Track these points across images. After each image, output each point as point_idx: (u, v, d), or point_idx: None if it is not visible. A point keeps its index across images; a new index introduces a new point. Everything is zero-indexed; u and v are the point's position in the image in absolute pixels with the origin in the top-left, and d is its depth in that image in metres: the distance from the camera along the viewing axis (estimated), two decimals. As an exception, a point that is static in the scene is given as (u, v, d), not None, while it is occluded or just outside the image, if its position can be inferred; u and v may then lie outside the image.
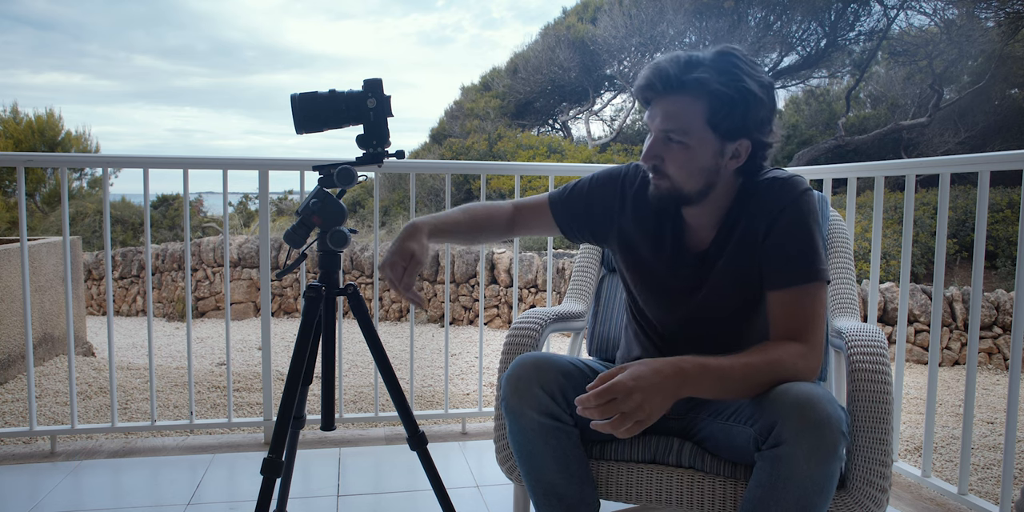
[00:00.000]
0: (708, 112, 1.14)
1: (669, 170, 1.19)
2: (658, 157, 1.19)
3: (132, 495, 1.94)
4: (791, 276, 1.19)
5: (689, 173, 1.19)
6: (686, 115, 1.15)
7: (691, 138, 1.16)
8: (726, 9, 10.38)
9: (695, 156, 1.17)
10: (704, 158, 1.18)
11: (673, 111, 1.16)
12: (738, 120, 1.15)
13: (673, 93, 1.16)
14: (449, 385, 3.22)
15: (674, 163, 1.18)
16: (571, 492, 1.26)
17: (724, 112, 1.14)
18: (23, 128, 13.22)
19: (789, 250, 1.19)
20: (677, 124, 1.16)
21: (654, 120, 1.19)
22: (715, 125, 1.15)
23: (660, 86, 1.16)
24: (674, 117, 1.16)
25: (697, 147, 1.17)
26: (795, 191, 1.22)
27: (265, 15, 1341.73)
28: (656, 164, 1.20)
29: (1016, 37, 10.01)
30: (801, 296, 1.18)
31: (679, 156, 1.18)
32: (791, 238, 1.20)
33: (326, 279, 1.47)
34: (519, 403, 1.21)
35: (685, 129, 1.16)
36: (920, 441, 3.31)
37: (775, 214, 1.21)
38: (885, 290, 5.88)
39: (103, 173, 2.23)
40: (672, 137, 1.17)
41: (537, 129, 14.57)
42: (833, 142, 10.97)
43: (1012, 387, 1.70)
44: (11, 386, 3.74)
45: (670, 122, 1.16)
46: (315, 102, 1.38)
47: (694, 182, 1.20)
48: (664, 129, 1.17)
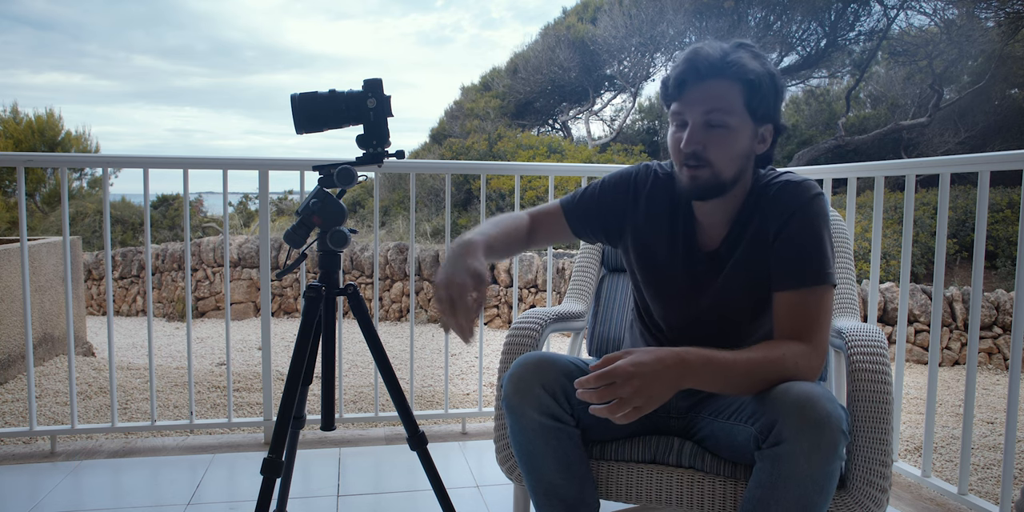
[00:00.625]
0: (747, 95, 1.18)
1: (711, 156, 1.19)
2: (700, 143, 1.19)
3: (132, 495, 1.94)
4: (798, 278, 1.19)
5: (730, 158, 1.20)
6: (728, 98, 1.17)
7: (733, 120, 1.18)
8: (726, 9, 10.38)
9: (736, 140, 1.19)
10: (743, 142, 1.20)
11: (715, 94, 1.17)
12: (769, 103, 1.20)
13: (714, 77, 1.17)
14: (449, 385, 3.22)
15: (716, 148, 1.19)
16: (571, 492, 1.26)
17: (759, 95, 1.18)
18: (23, 128, 13.22)
19: (798, 252, 1.20)
20: (720, 105, 1.17)
21: (692, 107, 1.19)
22: (752, 108, 1.19)
23: (704, 69, 1.17)
24: (717, 99, 1.17)
25: (738, 130, 1.19)
26: (807, 194, 1.23)
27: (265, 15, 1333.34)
28: (697, 150, 1.19)
29: (1016, 37, 10.01)
30: (807, 298, 1.19)
31: (722, 140, 1.19)
32: (800, 240, 1.21)
33: (326, 279, 1.47)
34: (520, 402, 1.21)
35: (729, 110, 1.17)
36: (920, 441, 3.31)
37: (786, 216, 1.22)
38: (885, 290, 5.88)
39: (103, 173, 2.23)
40: (714, 121, 1.18)
41: (537, 129, 14.56)
42: (833, 142, 10.97)
43: (1012, 387, 1.70)
44: (11, 386, 3.74)
45: (713, 103, 1.17)
46: (315, 102, 1.39)
47: (733, 168, 1.21)
48: (708, 111, 1.18)
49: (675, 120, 1.23)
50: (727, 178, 1.21)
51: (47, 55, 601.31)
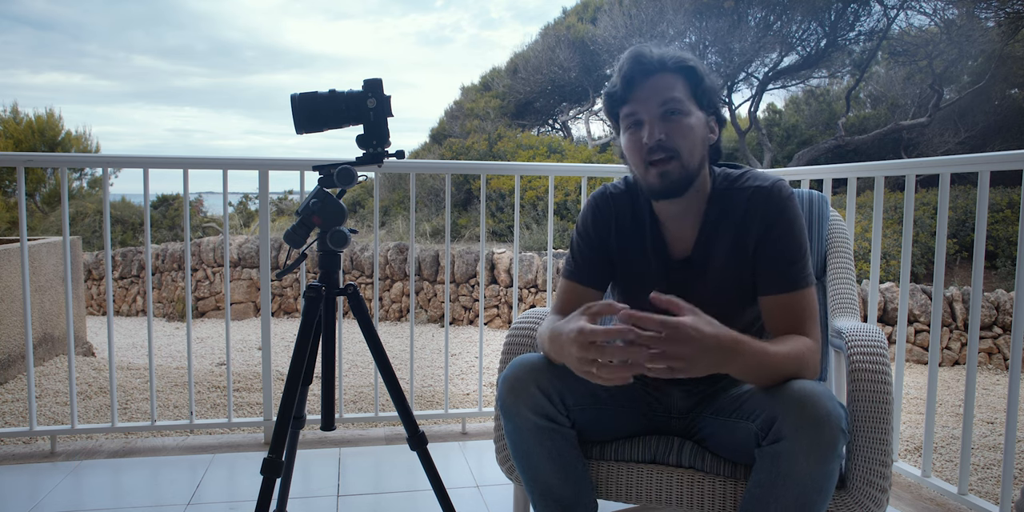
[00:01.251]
0: (691, 85, 1.23)
1: (677, 144, 1.21)
2: (663, 132, 1.20)
3: (132, 495, 1.94)
4: (786, 283, 1.22)
5: (693, 144, 1.22)
6: (677, 88, 1.22)
7: (686, 106, 1.22)
8: (726, 9, 10.37)
9: (694, 125, 1.22)
10: (700, 128, 1.24)
11: (665, 85, 1.21)
12: (709, 92, 1.25)
13: (659, 71, 1.22)
14: (449, 385, 3.22)
15: (679, 134, 1.21)
16: (568, 493, 1.26)
17: (702, 84, 1.23)
18: (23, 128, 13.22)
19: (782, 258, 1.23)
20: (673, 95, 1.21)
21: (645, 103, 1.21)
22: (698, 97, 1.24)
23: (649, 65, 1.21)
24: (667, 90, 1.21)
25: (693, 116, 1.23)
26: (782, 199, 1.24)
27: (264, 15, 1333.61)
28: (662, 140, 1.20)
29: (1016, 37, 10.00)
30: (796, 299, 1.21)
31: (683, 127, 1.21)
32: (783, 247, 1.23)
33: (326, 279, 1.47)
34: (515, 403, 1.21)
35: (681, 99, 1.21)
36: (920, 441, 3.31)
37: (767, 223, 1.24)
38: (885, 290, 5.88)
39: (103, 173, 2.23)
40: (673, 108, 1.21)
41: (537, 129, 14.56)
42: (833, 142, 10.97)
43: (1012, 387, 1.70)
44: (11, 386, 3.74)
45: (667, 94, 1.21)
46: (315, 102, 1.39)
47: (697, 155, 1.23)
48: (665, 102, 1.20)
49: (628, 123, 1.24)
50: (693, 167, 1.23)
51: (47, 55, 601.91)
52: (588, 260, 1.36)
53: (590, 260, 1.36)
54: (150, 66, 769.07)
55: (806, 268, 1.23)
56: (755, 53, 10.94)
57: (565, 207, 8.94)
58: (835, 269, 1.65)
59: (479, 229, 3.77)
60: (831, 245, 1.68)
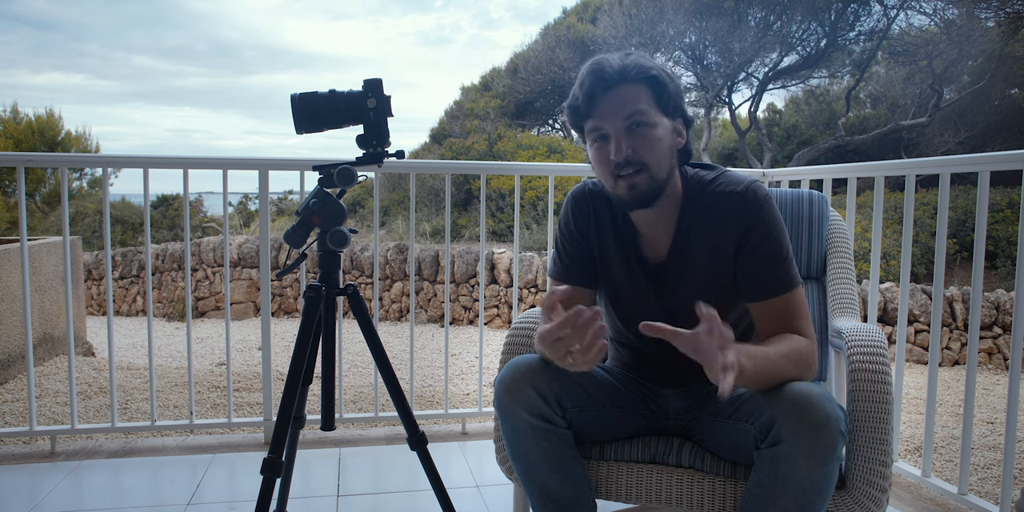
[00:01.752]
0: (654, 94, 1.21)
1: (644, 157, 1.19)
2: (630, 147, 1.19)
3: (132, 495, 1.94)
4: (771, 288, 1.21)
5: (661, 155, 1.21)
6: (640, 99, 1.20)
7: (651, 118, 1.20)
8: (726, 9, 10.37)
9: (660, 135, 1.21)
10: (667, 137, 1.22)
11: (628, 98, 1.19)
12: (673, 98, 1.23)
13: (621, 83, 1.19)
14: (449, 385, 3.22)
15: (646, 147, 1.19)
16: (565, 493, 1.26)
17: (665, 91, 1.21)
18: (23, 128, 13.21)
19: (766, 263, 1.22)
20: (636, 107, 1.19)
21: (609, 117, 1.19)
22: (663, 105, 1.21)
23: (610, 78, 1.19)
24: (632, 102, 1.19)
25: (658, 127, 1.21)
26: (758, 201, 1.22)
27: (264, 15, 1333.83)
28: (628, 156, 1.19)
29: (1016, 37, 10.00)
30: (784, 302, 1.21)
31: (649, 138, 1.20)
32: (766, 252, 1.22)
33: (326, 279, 1.47)
34: (511, 404, 1.21)
35: (645, 110, 1.19)
36: (920, 441, 3.31)
37: (744, 226, 1.22)
38: (885, 290, 5.88)
39: (103, 173, 2.23)
40: (638, 120, 1.19)
41: (537, 129, 14.56)
42: (833, 142, 10.96)
43: (1012, 387, 1.70)
44: (11, 386, 3.74)
45: (631, 107, 1.19)
46: (315, 102, 1.39)
47: (666, 165, 1.22)
48: (629, 115, 1.19)
49: (593, 137, 1.23)
50: (663, 178, 1.22)
51: (47, 55, 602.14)
52: (572, 258, 1.36)
53: (574, 258, 1.36)
54: (150, 66, 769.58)
55: (791, 269, 1.22)
56: (755, 53, 10.94)
57: (565, 207, 8.92)
58: (835, 269, 1.65)
59: (479, 229, 3.77)
60: (831, 245, 1.68)
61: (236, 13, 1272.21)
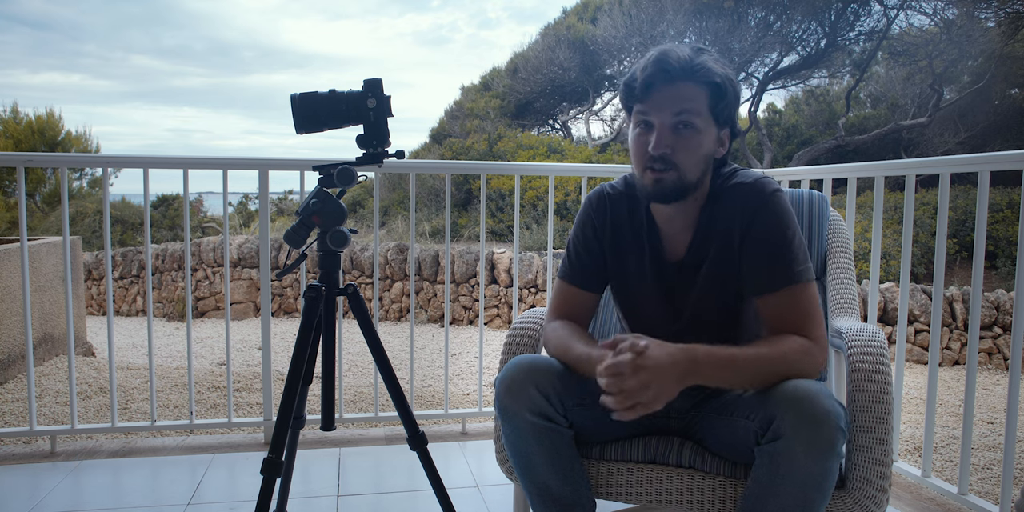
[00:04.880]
0: (712, 99, 1.19)
1: (678, 159, 1.19)
2: (668, 147, 1.18)
3: (132, 495, 1.94)
4: (773, 281, 1.20)
5: (697, 161, 1.20)
6: (696, 101, 1.18)
7: (699, 123, 1.19)
8: (726, 9, 10.37)
9: (703, 142, 1.20)
10: (708, 144, 1.21)
11: (685, 96, 1.18)
12: (730, 108, 1.22)
13: (683, 80, 1.17)
14: (449, 385, 3.22)
15: (685, 150, 1.19)
16: (565, 492, 1.26)
17: (724, 100, 1.19)
18: (23, 128, 13.21)
19: (767, 255, 1.21)
20: (689, 108, 1.17)
21: (660, 109, 1.18)
22: (716, 113, 1.20)
23: (674, 72, 1.17)
24: (685, 102, 1.17)
25: (704, 133, 1.20)
26: (764, 193, 1.22)
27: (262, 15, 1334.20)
28: (665, 154, 1.18)
29: (1016, 37, 9.99)
30: (787, 298, 1.19)
31: (690, 142, 1.19)
32: (767, 243, 1.21)
33: (326, 279, 1.47)
34: (512, 403, 1.21)
35: (696, 113, 1.18)
36: (920, 441, 3.31)
37: (748, 218, 1.22)
38: (885, 290, 5.87)
39: (103, 173, 2.23)
40: (685, 122, 1.18)
41: (537, 129, 14.56)
42: (833, 142, 10.96)
43: (1012, 387, 1.70)
44: (11, 386, 3.74)
45: (684, 105, 1.17)
46: (315, 102, 1.39)
47: (697, 170, 1.22)
48: (676, 113, 1.18)
49: (638, 122, 1.22)
50: (691, 181, 1.21)
51: (45, 55, 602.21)
52: (583, 262, 1.36)
53: (585, 262, 1.36)
54: (148, 66, 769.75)
55: (796, 264, 1.19)
56: (755, 53, 10.93)
57: (565, 207, 8.93)
58: (835, 269, 1.65)
59: (479, 229, 3.77)
60: (831, 245, 1.68)
61: (234, 13, 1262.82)
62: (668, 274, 1.31)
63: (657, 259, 1.32)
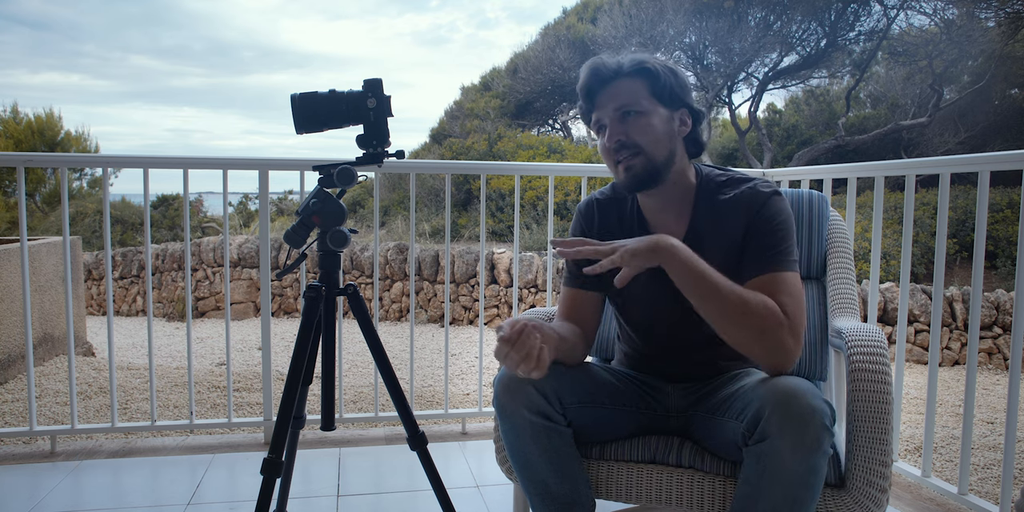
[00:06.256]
0: (649, 86, 1.29)
1: (636, 139, 1.27)
2: (623, 133, 1.28)
3: (132, 495, 1.94)
4: (763, 265, 1.24)
5: (656, 139, 1.28)
6: (634, 92, 1.29)
7: (643, 106, 1.28)
8: (726, 9, 10.37)
9: (652, 122, 1.28)
10: (661, 124, 1.29)
11: (622, 91, 1.29)
12: (674, 89, 1.30)
13: (615, 78, 1.29)
14: (449, 385, 3.22)
15: (637, 131, 1.28)
16: (564, 491, 1.26)
17: (660, 84, 1.29)
18: (23, 128, 13.21)
19: (762, 244, 1.26)
20: (630, 99, 1.28)
21: (605, 108, 1.29)
22: (659, 95, 1.29)
23: (605, 74, 1.29)
24: (625, 94, 1.29)
25: (651, 113, 1.29)
26: (765, 195, 1.29)
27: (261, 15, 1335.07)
28: (621, 139, 1.27)
29: (1016, 37, 9.99)
30: (774, 280, 1.22)
31: (641, 123, 1.28)
32: (767, 235, 1.26)
33: (326, 279, 1.47)
34: (510, 402, 1.22)
35: (638, 101, 1.28)
36: (920, 441, 3.31)
37: (750, 220, 1.27)
38: (885, 290, 5.87)
39: (103, 173, 2.23)
40: (629, 109, 1.28)
41: (537, 129, 14.56)
42: (833, 142, 10.96)
43: (1012, 387, 1.70)
44: (11, 386, 3.74)
45: (623, 99, 1.28)
46: (315, 102, 1.39)
47: (663, 149, 1.29)
48: (619, 106, 1.28)
49: (596, 128, 1.33)
50: (659, 160, 1.28)
51: (44, 55, 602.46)
52: (580, 265, 1.38)
53: (582, 265, 1.37)
54: (147, 66, 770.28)
55: (788, 254, 1.25)
56: (755, 53, 10.93)
57: (565, 207, 8.94)
58: (835, 269, 1.65)
59: (479, 229, 3.77)
60: (831, 245, 1.68)
61: (233, 13, 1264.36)
62: (662, 271, 1.31)
63: None
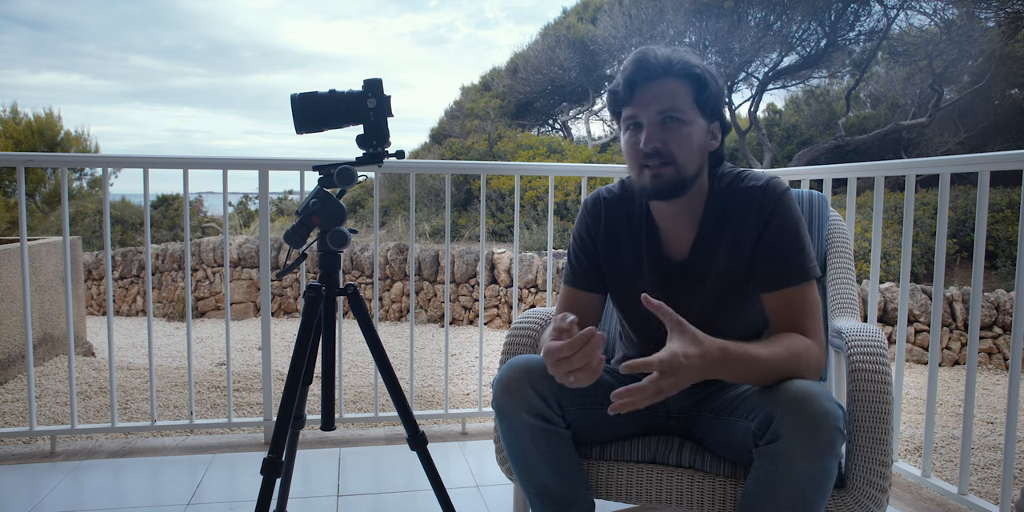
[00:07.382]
0: (695, 91, 1.21)
1: (672, 150, 1.20)
2: (659, 141, 1.19)
3: (132, 495, 1.94)
4: (784, 278, 1.21)
5: (691, 151, 1.21)
6: (679, 95, 1.20)
7: (687, 115, 1.20)
8: (726, 9, 10.37)
9: (692, 133, 1.21)
10: (699, 136, 1.23)
11: (667, 92, 1.20)
12: (714, 99, 1.23)
13: (663, 76, 1.20)
14: (449, 385, 3.22)
15: (676, 142, 1.20)
16: (564, 492, 1.26)
17: (707, 91, 1.21)
18: (23, 128, 13.20)
19: (780, 253, 1.22)
20: (674, 103, 1.20)
21: (645, 107, 1.20)
22: (701, 104, 1.22)
23: (653, 69, 1.19)
24: (669, 97, 1.20)
25: (693, 124, 1.21)
26: (777, 194, 1.24)
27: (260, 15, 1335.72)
28: (658, 148, 1.19)
29: (1016, 37, 9.99)
30: (795, 295, 1.20)
31: (680, 134, 1.20)
32: (781, 242, 1.22)
33: (326, 279, 1.47)
34: (510, 404, 1.21)
35: (682, 107, 1.20)
36: (920, 441, 3.31)
37: (763, 220, 1.23)
38: (885, 290, 5.87)
39: (103, 173, 2.23)
40: (671, 116, 1.19)
41: (537, 129, 14.56)
42: (833, 142, 10.96)
43: (1012, 387, 1.70)
44: (11, 386, 3.74)
45: (668, 102, 1.19)
46: (315, 102, 1.39)
47: (695, 163, 1.23)
48: (663, 110, 1.19)
49: (628, 124, 1.24)
50: (689, 174, 1.22)
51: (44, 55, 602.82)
52: (583, 265, 1.37)
53: (585, 265, 1.37)
54: (147, 66, 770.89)
55: (805, 263, 1.21)
56: (755, 53, 10.93)
57: (565, 207, 8.94)
58: (835, 269, 1.65)
59: (479, 229, 3.77)
60: (831, 245, 1.68)
61: (232, 13, 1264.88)
62: (671, 273, 1.31)
63: (657, 259, 1.32)
